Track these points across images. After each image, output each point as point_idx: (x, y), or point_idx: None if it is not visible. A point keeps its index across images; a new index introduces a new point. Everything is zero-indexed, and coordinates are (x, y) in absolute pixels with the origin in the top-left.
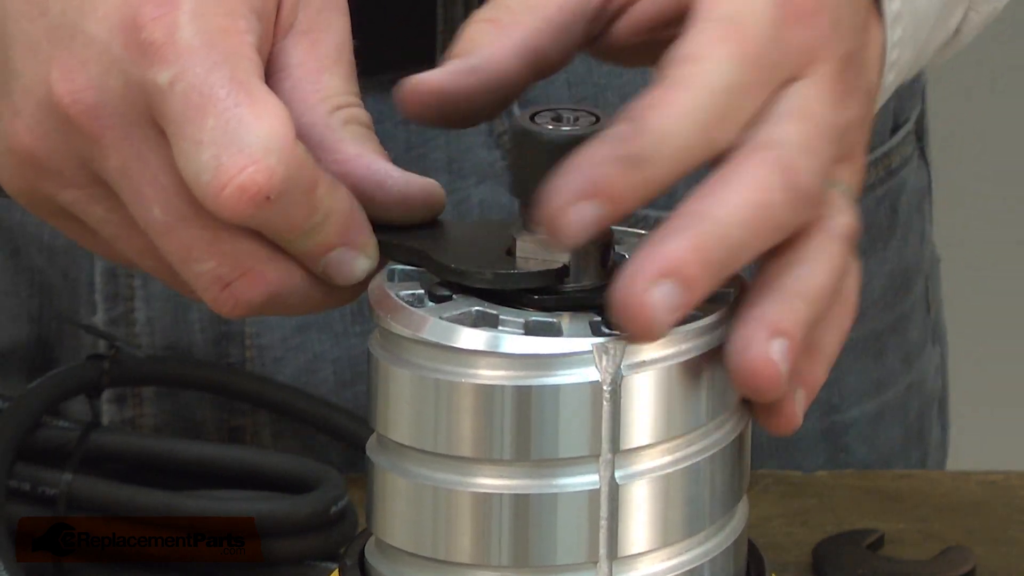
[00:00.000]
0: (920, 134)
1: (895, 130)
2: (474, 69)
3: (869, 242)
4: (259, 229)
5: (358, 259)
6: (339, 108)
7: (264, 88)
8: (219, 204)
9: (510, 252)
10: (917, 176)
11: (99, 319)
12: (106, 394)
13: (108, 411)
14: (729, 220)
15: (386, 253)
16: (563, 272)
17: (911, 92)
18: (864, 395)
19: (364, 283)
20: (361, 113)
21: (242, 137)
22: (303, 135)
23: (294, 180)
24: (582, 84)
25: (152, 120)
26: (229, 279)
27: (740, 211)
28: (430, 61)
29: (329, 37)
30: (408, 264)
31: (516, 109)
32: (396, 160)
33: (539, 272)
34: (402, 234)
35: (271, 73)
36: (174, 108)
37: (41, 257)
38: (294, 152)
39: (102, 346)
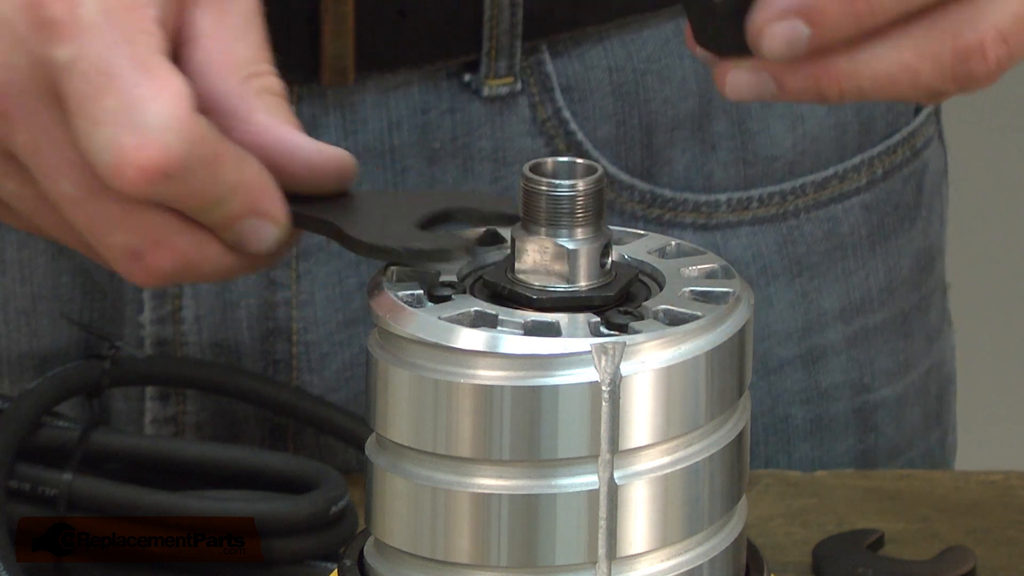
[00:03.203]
0: (938, 115)
1: (918, 111)
2: None
3: (898, 221)
4: (165, 203)
5: (268, 228)
6: (251, 77)
7: (166, 64)
8: (119, 182)
9: (424, 226)
10: (937, 157)
11: (146, 317)
12: (150, 391)
13: (151, 408)
14: None
15: (298, 224)
16: (485, 239)
17: None
18: (893, 375)
19: (279, 251)
20: (274, 82)
21: (140, 116)
22: (215, 105)
23: (195, 156)
24: (622, 70)
25: (58, 97)
26: (140, 250)
27: None
28: (476, 51)
29: (237, 6)
30: (320, 234)
31: None
32: (443, 149)
33: (451, 248)
34: (315, 205)
35: (181, 43)
36: (75, 87)
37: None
38: (193, 128)
39: (148, 346)
